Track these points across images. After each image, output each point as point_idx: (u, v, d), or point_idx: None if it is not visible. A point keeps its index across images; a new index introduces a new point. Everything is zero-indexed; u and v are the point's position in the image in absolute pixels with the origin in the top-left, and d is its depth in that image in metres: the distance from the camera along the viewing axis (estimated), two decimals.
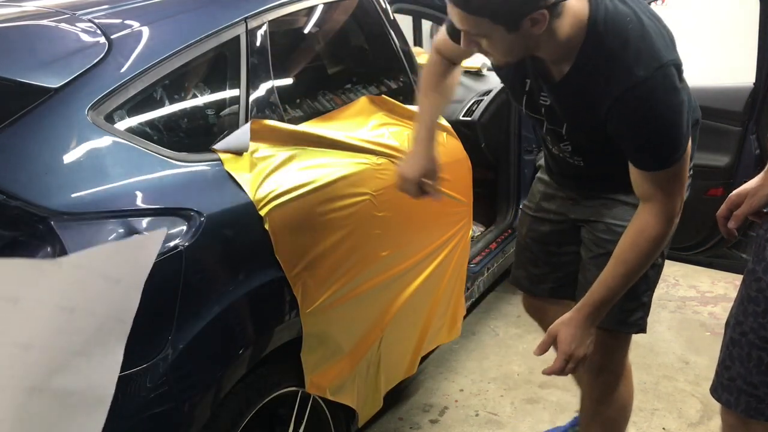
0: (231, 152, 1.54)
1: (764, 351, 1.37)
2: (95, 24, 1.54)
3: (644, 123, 1.39)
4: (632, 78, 1.35)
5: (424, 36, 4.47)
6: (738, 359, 1.40)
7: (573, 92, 1.47)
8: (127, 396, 1.26)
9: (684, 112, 1.40)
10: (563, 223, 1.82)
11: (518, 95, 1.63)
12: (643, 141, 1.42)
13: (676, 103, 1.38)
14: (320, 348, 1.71)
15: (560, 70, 1.46)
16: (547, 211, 1.85)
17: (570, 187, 1.80)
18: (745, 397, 1.41)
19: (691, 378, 2.64)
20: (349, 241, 1.74)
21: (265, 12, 1.78)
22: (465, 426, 2.41)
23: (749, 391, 1.40)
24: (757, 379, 1.38)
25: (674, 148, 1.40)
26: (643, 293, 1.69)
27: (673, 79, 1.37)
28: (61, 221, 1.24)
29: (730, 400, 1.43)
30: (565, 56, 1.42)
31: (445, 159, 2.17)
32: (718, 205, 2.69)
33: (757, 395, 1.39)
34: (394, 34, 2.22)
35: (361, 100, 2.00)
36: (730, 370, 1.42)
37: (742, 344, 1.39)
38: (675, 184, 1.44)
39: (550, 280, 1.91)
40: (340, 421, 1.88)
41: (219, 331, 1.42)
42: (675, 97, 1.37)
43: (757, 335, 1.37)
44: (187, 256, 1.35)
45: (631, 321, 1.70)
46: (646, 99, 1.36)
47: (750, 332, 1.38)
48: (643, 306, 1.71)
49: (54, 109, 1.34)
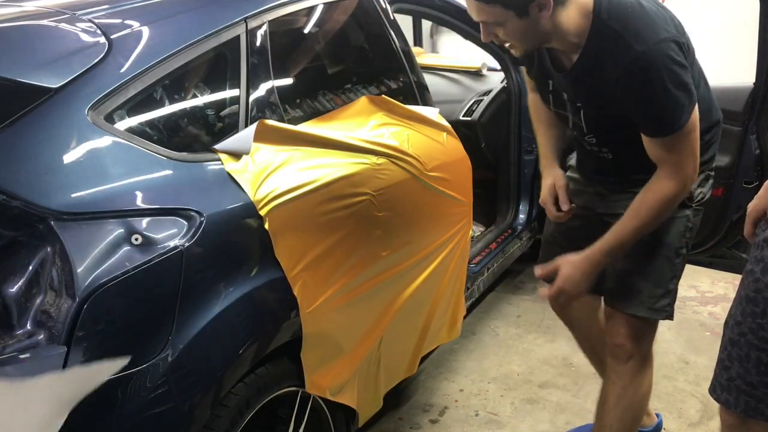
0: (232, 154, 1.54)
1: (763, 351, 1.37)
2: (95, 24, 1.54)
3: (646, 93, 1.51)
4: (632, 52, 1.48)
5: (424, 36, 4.47)
6: (737, 359, 1.41)
7: (584, 76, 1.61)
8: (127, 396, 1.26)
9: (686, 84, 1.51)
10: (591, 218, 1.88)
11: (545, 96, 1.79)
12: (646, 110, 1.55)
13: (676, 75, 1.49)
14: (320, 348, 1.71)
15: (571, 59, 1.62)
16: (576, 206, 1.89)
17: (598, 183, 1.89)
18: (744, 397, 1.41)
19: (691, 378, 2.64)
20: (349, 241, 1.74)
21: (265, 12, 1.78)
22: (465, 426, 2.41)
23: (748, 391, 1.40)
24: (756, 379, 1.38)
25: (676, 115, 1.52)
26: (669, 281, 1.77)
27: (671, 53, 1.48)
28: (61, 221, 1.24)
29: (729, 400, 1.43)
30: (575, 46, 1.58)
31: (445, 159, 2.18)
32: (718, 205, 2.69)
33: (756, 395, 1.39)
34: (394, 34, 2.22)
35: (361, 100, 2.00)
36: (729, 371, 1.43)
37: (740, 344, 1.40)
38: (683, 151, 1.56)
39: None
40: (340, 421, 1.88)
41: (219, 331, 1.42)
42: (674, 69, 1.49)
43: (756, 336, 1.37)
44: (187, 256, 1.35)
45: (659, 307, 1.77)
46: (646, 70, 1.48)
47: (749, 333, 1.38)
48: (669, 293, 1.77)
49: (54, 109, 1.34)
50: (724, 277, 3.42)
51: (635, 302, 1.75)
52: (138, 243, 1.29)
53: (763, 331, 1.36)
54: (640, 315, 1.77)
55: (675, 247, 1.75)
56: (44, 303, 1.22)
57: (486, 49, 3.00)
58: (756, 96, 2.48)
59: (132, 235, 1.29)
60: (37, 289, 1.23)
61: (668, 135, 1.54)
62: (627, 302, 1.78)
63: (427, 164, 2.05)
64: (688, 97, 1.52)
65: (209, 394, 1.42)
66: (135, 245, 1.28)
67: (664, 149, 1.57)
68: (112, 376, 1.24)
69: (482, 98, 3.20)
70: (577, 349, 2.84)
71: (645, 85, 1.50)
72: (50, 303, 1.22)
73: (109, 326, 1.24)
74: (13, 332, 1.21)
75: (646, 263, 1.76)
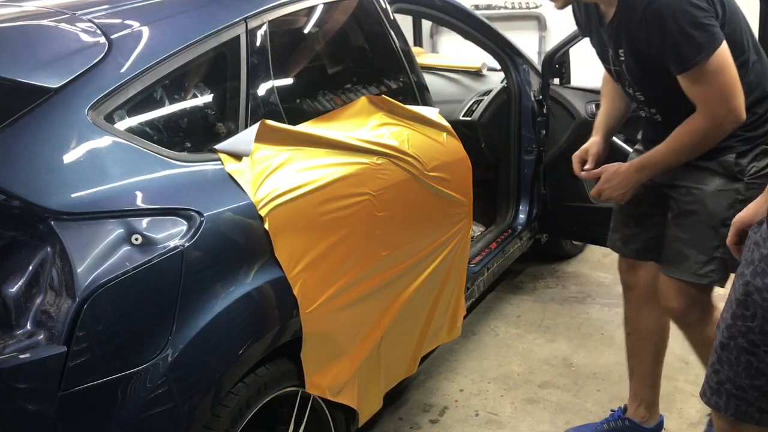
0: (233, 154, 1.54)
1: (753, 355, 1.35)
2: (95, 24, 1.54)
3: (663, 32, 1.67)
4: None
5: (424, 36, 4.48)
6: (727, 363, 1.39)
7: (621, 27, 1.78)
8: (127, 396, 1.27)
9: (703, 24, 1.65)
10: (652, 188, 1.99)
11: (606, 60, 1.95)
12: (666, 48, 1.69)
13: (692, 15, 1.64)
14: (320, 348, 1.71)
15: (609, 13, 1.81)
16: None
17: None
18: (735, 401, 1.39)
19: (691, 378, 2.64)
20: (349, 241, 1.74)
21: (265, 12, 1.78)
22: (465, 426, 2.41)
23: (738, 394, 1.39)
24: (746, 383, 1.37)
25: (692, 50, 1.66)
26: (714, 249, 1.86)
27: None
28: (61, 221, 1.24)
29: (719, 403, 1.42)
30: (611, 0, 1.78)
31: (445, 159, 2.18)
32: None
33: (746, 399, 1.38)
34: (394, 34, 2.22)
35: (361, 100, 2.00)
36: (719, 374, 1.41)
37: (730, 348, 1.38)
38: (709, 88, 1.70)
39: (639, 241, 2.09)
40: (340, 421, 1.88)
41: (219, 331, 1.42)
42: (689, 9, 1.64)
43: (745, 339, 1.35)
44: (187, 256, 1.35)
45: (703, 273, 1.88)
46: (661, 11, 1.65)
47: (738, 336, 1.37)
48: (714, 260, 1.87)
49: (54, 109, 1.34)
50: None
51: (681, 268, 1.89)
52: (138, 243, 1.29)
53: (753, 335, 1.34)
54: (684, 280, 1.89)
55: (721, 218, 1.82)
56: (44, 303, 1.22)
57: (486, 49, 3.00)
58: None
59: (132, 235, 1.29)
60: (37, 289, 1.23)
61: (688, 70, 1.68)
62: (674, 268, 1.91)
63: (427, 164, 2.05)
64: (708, 38, 1.65)
65: (209, 394, 1.42)
66: (135, 245, 1.29)
67: (690, 84, 1.71)
68: (112, 376, 1.25)
69: (482, 98, 3.20)
70: (577, 350, 2.85)
71: (661, 25, 1.66)
72: (50, 303, 1.22)
73: (109, 326, 1.25)
74: (13, 332, 1.21)
75: (693, 232, 1.88)
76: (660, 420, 2.29)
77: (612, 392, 2.57)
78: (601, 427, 2.30)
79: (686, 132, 1.77)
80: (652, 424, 2.26)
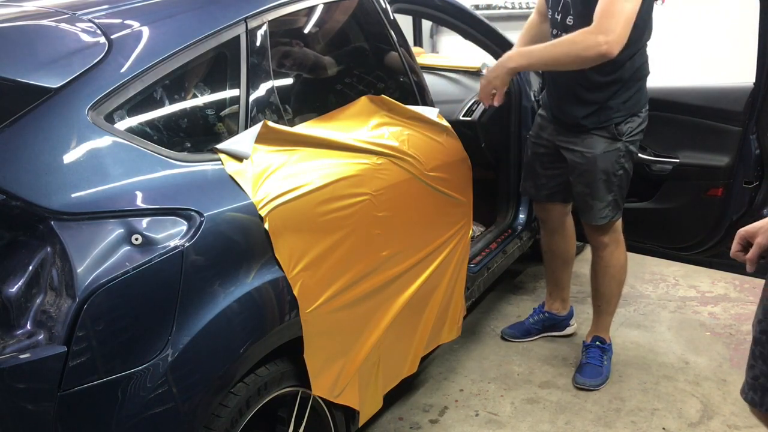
0: (233, 154, 1.54)
1: None
2: (95, 24, 1.54)
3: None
4: None
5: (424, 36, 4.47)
6: (760, 358, 1.41)
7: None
8: (127, 396, 1.27)
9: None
10: (552, 147, 2.55)
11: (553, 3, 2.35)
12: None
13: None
14: (323, 349, 1.71)
15: None
16: (542, 137, 2.59)
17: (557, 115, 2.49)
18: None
19: (691, 378, 2.64)
20: (349, 241, 1.74)
21: (265, 12, 1.78)
22: (465, 426, 2.41)
23: None
24: None
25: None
26: (608, 195, 2.42)
27: None
28: (61, 221, 1.24)
29: (755, 398, 1.43)
30: None
31: (445, 159, 2.18)
32: (718, 204, 2.69)
33: None
34: (394, 34, 2.22)
35: (361, 100, 2.00)
36: (754, 369, 1.43)
37: (763, 343, 1.40)
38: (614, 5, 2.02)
39: (546, 188, 2.65)
40: (340, 421, 1.88)
41: (219, 331, 1.42)
42: None
43: None
44: (187, 256, 1.35)
45: (603, 215, 2.46)
46: None
47: None
48: (610, 204, 2.44)
49: (54, 109, 1.34)
50: (724, 277, 3.42)
51: (590, 216, 2.48)
52: (138, 243, 1.29)
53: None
54: (592, 224, 2.50)
55: (610, 172, 2.39)
56: (44, 303, 1.22)
57: (486, 49, 3.00)
58: (756, 96, 2.48)
59: (132, 235, 1.29)
60: (37, 289, 1.23)
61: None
62: (586, 216, 2.51)
63: (426, 164, 2.05)
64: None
65: (209, 394, 1.42)
66: (135, 245, 1.29)
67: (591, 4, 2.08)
68: (112, 376, 1.25)
69: None
70: (578, 350, 2.85)
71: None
72: (50, 303, 1.22)
73: (109, 326, 1.25)
74: (13, 332, 1.21)
75: (593, 187, 2.42)
76: (570, 310, 2.98)
77: (612, 391, 2.57)
78: (529, 322, 2.97)
79: (568, 39, 2.13)
80: (564, 313, 2.96)
